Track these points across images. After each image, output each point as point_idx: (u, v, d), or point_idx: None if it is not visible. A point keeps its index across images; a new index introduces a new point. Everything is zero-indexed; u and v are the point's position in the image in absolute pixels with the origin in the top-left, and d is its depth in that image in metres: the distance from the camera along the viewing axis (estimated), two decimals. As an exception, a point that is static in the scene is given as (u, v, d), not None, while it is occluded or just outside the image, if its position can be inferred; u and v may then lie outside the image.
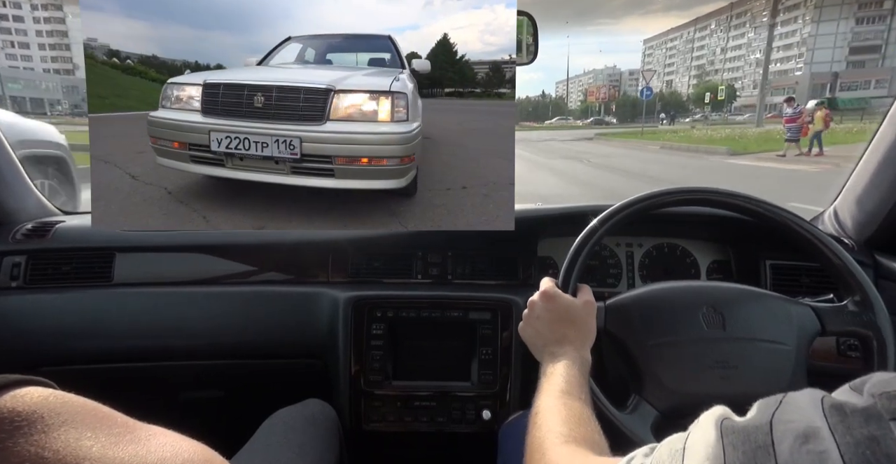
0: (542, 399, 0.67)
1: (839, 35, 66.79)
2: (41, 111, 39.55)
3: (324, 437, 0.93)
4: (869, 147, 1.14)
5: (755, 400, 0.76)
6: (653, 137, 21.96)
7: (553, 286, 0.81)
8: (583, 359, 0.74)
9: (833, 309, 0.80)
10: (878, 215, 1.12)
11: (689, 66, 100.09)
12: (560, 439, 0.58)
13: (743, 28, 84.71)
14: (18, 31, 70.23)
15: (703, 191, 0.86)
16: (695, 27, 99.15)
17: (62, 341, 1.16)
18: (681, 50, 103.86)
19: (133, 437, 0.37)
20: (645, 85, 24.66)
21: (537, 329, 0.79)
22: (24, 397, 0.33)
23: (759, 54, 77.08)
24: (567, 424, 0.61)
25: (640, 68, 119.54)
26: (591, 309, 0.80)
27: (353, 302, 1.13)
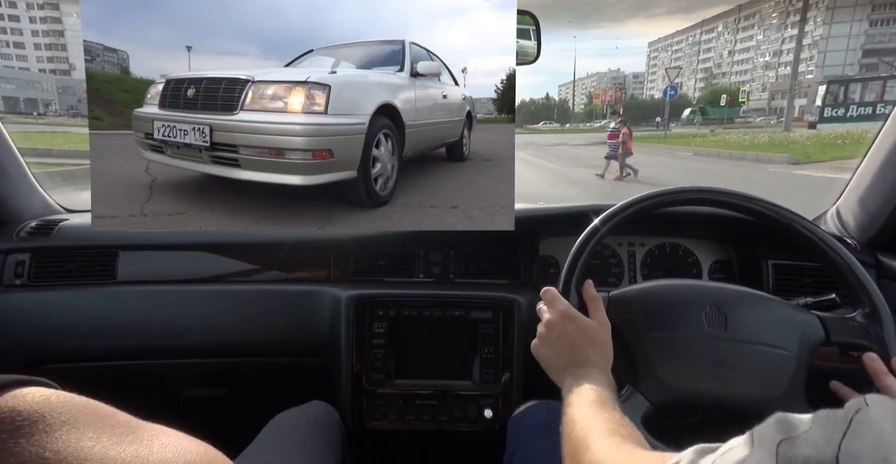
0: (573, 409, 0.66)
1: (852, 37, 66.18)
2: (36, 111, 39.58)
3: (326, 438, 0.93)
4: (872, 147, 1.13)
5: (747, 402, 0.75)
6: (677, 142, 19.92)
7: (570, 306, 0.79)
8: (608, 380, 0.72)
9: (840, 320, 0.79)
10: (880, 215, 1.11)
11: (695, 68, 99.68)
12: (605, 433, 0.57)
13: (751, 30, 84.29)
14: (14, 30, 70.49)
15: (705, 190, 0.86)
16: (701, 29, 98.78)
17: (66, 339, 1.17)
18: (687, 52, 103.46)
19: (135, 437, 0.37)
20: (669, 84, 22.37)
21: (556, 350, 0.78)
22: (26, 396, 0.32)
23: (769, 57, 76.72)
24: (609, 422, 0.60)
25: (646, 71, 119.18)
26: (607, 331, 0.79)
27: (355, 301, 1.13)
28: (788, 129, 22.25)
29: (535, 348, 0.81)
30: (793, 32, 68.51)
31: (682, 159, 14.55)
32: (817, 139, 15.93)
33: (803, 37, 29.73)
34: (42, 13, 70.85)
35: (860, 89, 21.17)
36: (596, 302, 0.81)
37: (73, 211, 1.42)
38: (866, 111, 20.25)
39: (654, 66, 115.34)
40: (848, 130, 17.03)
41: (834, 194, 1.28)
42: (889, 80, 21.08)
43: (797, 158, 12.29)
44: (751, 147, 15.25)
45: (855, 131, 16.15)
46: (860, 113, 20.40)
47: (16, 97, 44.30)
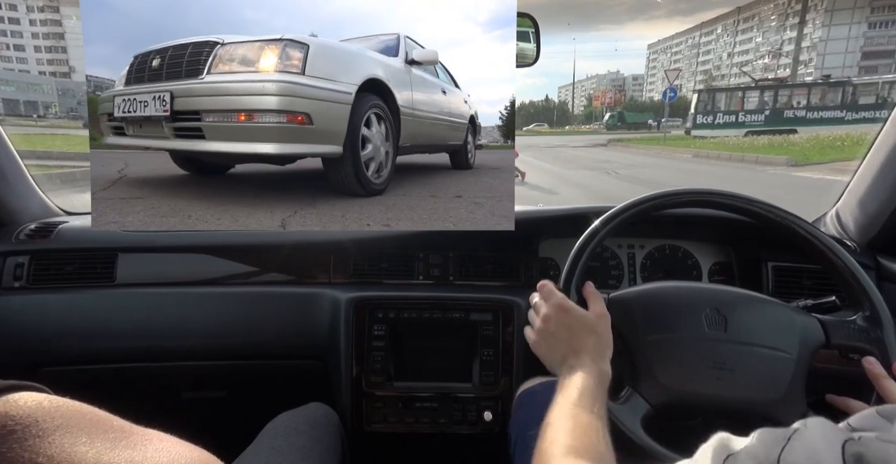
0: (553, 411, 0.66)
1: (851, 39, 66.08)
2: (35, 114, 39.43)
3: (326, 440, 0.93)
4: (871, 149, 1.13)
5: (747, 404, 0.75)
6: (676, 144, 19.98)
7: (565, 298, 0.80)
8: (600, 370, 0.72)
9: (840, 323, 0.79)
10: (880, 217, 1.12)
11: (694, 70, 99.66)
12: (562, 450, 0.58)
13: (750, 32, 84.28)
14: (14, 32, 70.29)
15: (705, 192, 0.86)
16: (700, 32, 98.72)
17: (65, 342, 1.16)
18: (686, 54, 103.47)
19: (129, 442, 0.37)
20: (669, 86, 22.95)
21: (552, 345, 0.78)
22: (19, 401, 0.33)
23: (768, 59, 76.72)
24: (572, 434, 0.60)
25: (645, 73, 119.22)
26: (605, 322, 0.79)
27: (355, 303, 1.13)
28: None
29: (535, 345, 0.81)
30: (792, 35, 68.64)
31: (682, 161, 14.60)
32: (817, 141, 15.92)
33: (802, 39, 29.68)
34: (42, 16, 70.84)
35: (725, 99, 22.87)
36: (596, 297, 0.82)
37: (73, 213, 1.41)
38: (731, 119, 22.04)
39: (653, 68, 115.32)
40: (847, 131, 17.09)
41: (833, 196, 1.28)
42: (747, 91, 23.05)
43: (797, 160, 12.28)
44: (750, 149, 15.28)
45: (854, 133, 16.16)
46: (725, 121, 22.11)
47: (16, 99, 44.17)
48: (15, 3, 73.51)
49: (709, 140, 20.34)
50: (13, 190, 1.28)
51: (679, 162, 14.40)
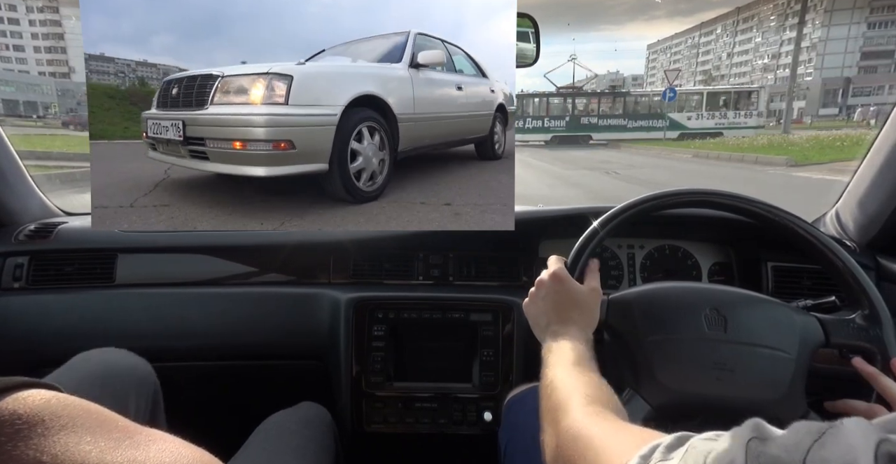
0: (553, 370, 0.66)
1: (851, 40, 66.00)
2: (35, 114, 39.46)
3: (319, 439, 0.92)
4: (871, 149, 1.13)
5: (747, 404, 0.75)
6: (676, 144, 19.94)
7: (563, 268, 0.82)
8: (587, 338, 0.74)
9: (840, 322, 0.79)
10: (880, 217, 1.11)
11: (694, 71, 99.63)
12: (584, 400, 0.57)
13: (750, 32, 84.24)
14: (14, 33, 70.14)
15: (704, 193, 0.86)
16: (700, 32, 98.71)
17: (64, 342, 1.16)
18: (685, 55, 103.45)
19: (132, 441, 0.37)
20: (668, 86, 22.45)
21: (542, 309, 0.80)
22: (27, 399, 0.33)
23: (767, 59, 76.77)
24: (588, 387, 0.60)
25: (645, 73, 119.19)
26: (596, 297, 0.80)
27: (355, 303, 1.13)
28: (787, 131, 22.44)
29: (526, 307, 0.84)
30: (791, 35, 68.53)
31: (682, 162, 14.57)
32: (817, 141, 15.91)
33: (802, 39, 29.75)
34: (42, 16, 70.74)
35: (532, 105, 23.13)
36: (593, 273, 0.84)
37: (72, 214, 1.41)
38: (538, 124, 22.54)
39: (653, 68, 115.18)
40: (847, 132, 17.14)
41: (833, 196, 1.28)
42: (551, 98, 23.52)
43: (796, 160, 12.24)
44: (750, 149, 15.24)
45: (854, 134, 16.19)
46: (533, 125, 22.58)
47: (15, 100, 44.18)
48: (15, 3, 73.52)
49: (707, 140, 20.38)
50: (13, 190, 1.28)
51: (679, 162, 14.37)
